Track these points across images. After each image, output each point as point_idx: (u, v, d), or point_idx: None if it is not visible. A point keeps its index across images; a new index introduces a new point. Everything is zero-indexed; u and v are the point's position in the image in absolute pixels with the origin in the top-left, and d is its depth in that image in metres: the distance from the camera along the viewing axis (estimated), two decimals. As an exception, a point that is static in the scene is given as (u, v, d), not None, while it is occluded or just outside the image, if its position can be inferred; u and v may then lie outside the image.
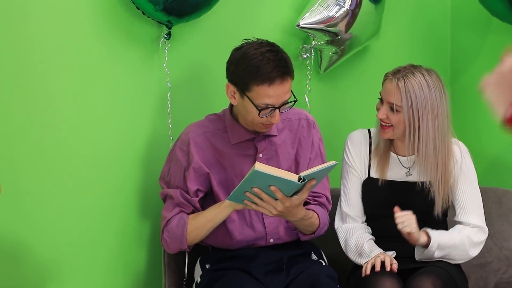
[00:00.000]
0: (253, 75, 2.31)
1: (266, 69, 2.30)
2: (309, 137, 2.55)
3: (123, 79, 2.69)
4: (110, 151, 2.69)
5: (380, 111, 2.55)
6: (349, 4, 2.89)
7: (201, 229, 2.43)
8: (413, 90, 2.49)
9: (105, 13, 2.63)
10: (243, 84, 2.34)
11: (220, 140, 2.47)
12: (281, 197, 2.27)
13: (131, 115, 2.71)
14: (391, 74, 2.55)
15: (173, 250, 2.50)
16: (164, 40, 2.69)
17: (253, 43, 2.39)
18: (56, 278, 2.63)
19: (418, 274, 2.46)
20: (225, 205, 2.39)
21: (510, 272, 2.84)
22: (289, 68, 2.36)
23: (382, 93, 2.57)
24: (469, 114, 3.30)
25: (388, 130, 2.55)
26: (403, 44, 3.27)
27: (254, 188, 2.25)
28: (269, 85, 2.31)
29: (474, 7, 3.12)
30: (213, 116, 2.54)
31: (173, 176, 2.47)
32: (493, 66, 2.90)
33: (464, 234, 2.56)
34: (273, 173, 2.20)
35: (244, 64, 2.33)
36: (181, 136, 2.50)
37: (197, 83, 2.82)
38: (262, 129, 2.42)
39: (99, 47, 2.64)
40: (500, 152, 3.18)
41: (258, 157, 2.47)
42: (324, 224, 2.53)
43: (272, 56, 2.33)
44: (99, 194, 2.68)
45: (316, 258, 2.57)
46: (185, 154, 2.45)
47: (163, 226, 2.47)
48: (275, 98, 2.33)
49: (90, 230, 2.67)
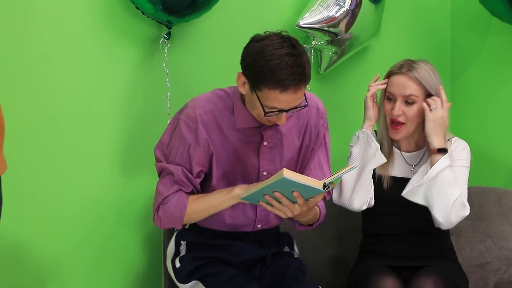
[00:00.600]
0: (266, 78, 2.17)
1: (282, 75, 2.16)
2: (316, 127, 2.48)
3: (123, 79, 2.70)
4: (110, 151, 2.69)
5: (396, 108, 2.53)
6: (349, 4, 2.89)
7: (200, 213, 2.36)
8: (424, 78, 2.52)
9: (105, 13, 2.64)
10: (255, 82, 2.22)
11: (227, 121, 2.36)
12: (302, 202, 2.23)
13: (131, 114, 2.72)
14: (397, 69, 2.56)
15: (164, 227, 2.42)
16: (164, 40, 2.69)
17: (275, 39, 2.22)
18: (56, 278, 2.63)
19: (420, 274, 2.46)
20: (232, 195, 2.32)
21: (510, 272, 2.84)
22: (306, 76, 2.21)
23: (392, 90, 2.56)
24: (469, 114, 3.30)
25: (401, 129, 2.55)
26: (403, 44, 3.27)
27: (275, 193, 2.21)
28: (281, 92, 2.18)
29: (474, 7, 3.12)
30: (221, 92, 2.40)
31: (174, 151, 2.34)
32: (493, 66, 2.90)
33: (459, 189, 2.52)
34: (301, 180, 2.16)
35: (260, 63, 2.18)
36: (187, 110, 2.35)
37: (197, 83, 2.82)
38: (266, 123, 2.34)
39: (99, 47, 2.65)
40: (500, 152, 3.18)
41: (263, 144, 2.39)
42: (323, 217, 2.51)
43: (291, 61, 2.17)
44: (100, 194, 2.68)
45: (288, 249, 2.57)
46: (191, 131, 2.32)
47: (159, 202, 2.35)
48: (285, 104, 2.21)
49: (90, 230, 2.68)
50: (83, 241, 2.67)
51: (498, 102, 3.20)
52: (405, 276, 2.50)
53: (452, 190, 2.48)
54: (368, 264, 2.55)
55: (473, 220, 2.93)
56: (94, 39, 2.63)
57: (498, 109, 3.20)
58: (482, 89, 3.26)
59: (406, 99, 2.53)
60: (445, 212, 2.49)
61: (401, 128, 2.55)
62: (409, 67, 2.54)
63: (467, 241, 2.91)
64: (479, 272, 2.86)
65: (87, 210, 2.66)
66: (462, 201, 2.50)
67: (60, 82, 2.58)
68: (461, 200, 2.50)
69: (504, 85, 3.17)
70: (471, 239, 2.91)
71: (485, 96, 3.25)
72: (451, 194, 2.48)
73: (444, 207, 2.49)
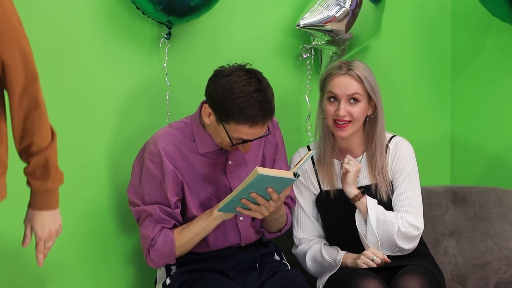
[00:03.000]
0: (236, 114, 2.26)
1: (251, 112, 2.25)
2: (274, 139, 2.56)
3: (123, 79, 2.69)
4: (109, 151, 2.68)
5: (341, 109, 2.52)
6: (349, 4, 2.89)
7: (189, 243, 2.42)
8: (365, 76, 2.53)
9: (105, 13, 2.63)
10: (223, 116, 2.29)
11: (189, 149, 2.42)
12: (276, 197, 2.30)
13: (131, 114, 2.71)
14: (336, 70, 2.56)
15: (159, 266, 2.49)
16: (164, 40, 2.69)
17: (242, 75, 2.30)
18: (56, 278, 2.63)
19: (403, 273, 2.45)
20: (214, 217, 2.38)
21: (510, 272, 2.84)
22: (273, 110, 2.31)
23: (335, 90, 2.54)
24: (469, 113, 3.30)
25: (348, 127, 2.53)
26: (403, 44, 3.27)
27: (251, 194, 2.26)
28: (249, 127, 2.28)
29: (474, 7, 3.12)
30: (179, 123, 2.48)
31: (148, 190, 2.40)
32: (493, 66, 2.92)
33: (398, 219, 2.55)
34: (275, 174, 2.24)
35: (229, 100, 2.26)
36: (150, 147, 2.41)
37: (196, 83, 2.82)
38: (228, 149, 2.41)
39: (99, 47, 2.64)
40: (500, 152, 3.18)
41: (228, 164, 2.45)
42: (289, 223, 2.59)
43: (259, 97, 2.26)
44: (99, 194, 2.68)
45: (278, 258, 2.60)
46: (157, 166, 2.38)
47: (148, 246, 2.41)
48: (252, 136, 2.32)
49: (90, 230, 2.67)
50: (83, 240, 2.66)
51: (498, 102, 3.20)
52: (385, 277, 2.48)
53: (391, 226, 2.53)
54: (346, 270, 2.53)
55: (473, 220, 2.93)
56: (94, 39, 2.63)
57: (498, 109, 3.20)
58: (482, 89, 3.26)
59: (350, 98, 2.53)
60: (395, 246, 2.55)
61: (348, 126, 2.53)
62: (348, 66, 2.54)
63: (467, 241, 2.91)
64: (479, 272, 2.86)
65: (87, 210, 2.66)
66: (401, 231, 2.53)
67: (60, 82, 2.58)
68: (401, 232, 2.53)
69: (504, 85, 3.17)
70: (472, 239, 2.91)
71: (485, 96, 3.24)
72: (391, 230, 2.53)
73: (392, 243, 2.54)
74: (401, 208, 2.57)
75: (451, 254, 2.91)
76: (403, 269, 2.48)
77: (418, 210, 2.59)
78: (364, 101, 2.54)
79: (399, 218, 2.55)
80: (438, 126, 3.37)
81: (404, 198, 2.58)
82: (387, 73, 3.14)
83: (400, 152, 2.61)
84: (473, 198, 2.94)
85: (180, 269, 2.48)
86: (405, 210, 2.57)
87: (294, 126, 3.00)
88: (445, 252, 2.91)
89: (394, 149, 2.62)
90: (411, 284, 2.39)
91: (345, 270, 2.52)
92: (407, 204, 2.57)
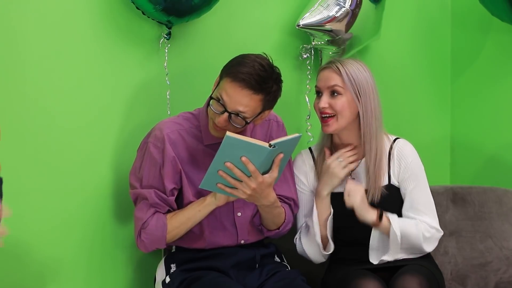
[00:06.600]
0: (228, 66, 2.33)
1: (242, 69, 2.28)
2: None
3: (123, 79, 2.70)
4: (110, 150, 2.69)
5: (322, 101, 2.52)
6: (349, 4, 2.89)
7: (181, 227, 2.42)
8: (349, 70, 2.52)
9: (105, 13, 2.64)
10: (223, 72, 2.35)
11: (194, 139, 2.45)
12: (253, 169, 2.25)
13: (131, 114, 2.71)
14: (325, 65, 2.58)
15: (149, 250, 2.49)
16: (164, 40, 2.70)
17: (260, 54, 2.37)
18: (56, 277, 2.63)
19: (402, 273, 2.45)
20: (207, 203, 2.39)
21: (510, 272, 2.84)
22: (261, 88, 2.30)
23: (318, 84, 2.56)
24: (469, 113, 3.31)
25: (331, 122, 2.52)
26: (403, 44, 3.27)
27: (226, 163, 2.23)
28: (231, 81, 2.29)
29: (474, 7, 3.12)
30: (188, 114, 2.51)
31: (147, 174, 2.42)
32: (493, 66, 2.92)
33: (420, 227, 2.56)
34: (245, 139, 2.21)
35: (237, 59, 2.35)
36: (155, 132, 2.45)
37: (197, 83, 2.82)
38: (216, 132, 2.40)
39: (99, 47, 2.65)
40: (500, 151, 3.18)
41: None
42: (289, 221, 2.55)
43: (258, 68, 2.29)
44: (99, 193, 2.68)
45: (279, 260, 2.61)
46: (159, 151, 2.41)
47: (139, 228, 2.43)
48: (229, 99, 2.30)
49: (89, 230, 2.67)
50: (83, 240, 2.66)
51: (498, 102, 3.20)
52: (384, 277, 2.48)
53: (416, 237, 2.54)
54: (344, 270, 2.53)
55: (473, 220, 2.93)
56: (94, 39, 2.63)
57: (498, 108, 3.20)
58: (482, 89, 3.26)
59: (331, 90, 2.52)
60: (422, 250, 2.57)
61: (331, 120, 2.52)
62: (336, 61, 2.55)
63: (467, 241, 2.91)
64: (479, 272, 2.86)
65: (87, 209, 2.66)
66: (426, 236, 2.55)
67: (60, 82, 2.58)
68: (427, 237, 2.55)
69: (504, 85, 3.17)
70: (472, 239, 2.91)
71: (485, 96, 3.25)
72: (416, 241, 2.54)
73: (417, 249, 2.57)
74: (419, 212, 2.57)
75: (451, 254, 2.91)
76: (402, 269, 2.48)
77: (434, 212, 2.61)
78: (348, 95, 2.51)
79: (420, 224, 2.55)
80: (438, 126, 3.37)
81: (421, 203, 2.58)
82: (387, 73, 3.14)
83: (405, 159, 2.59)
84: (473, 198, 2.94)
85: (179, 267, 2.48)
86: (424, 213, 2.57)
87: (294, 126, 3.00)
88: (445, 252, 2.91)
89: (399, 155, 2.60)
90: (410, 284, 2.39)
91: (345, 270, 2.52)
92: (425, 208, 2.58)
